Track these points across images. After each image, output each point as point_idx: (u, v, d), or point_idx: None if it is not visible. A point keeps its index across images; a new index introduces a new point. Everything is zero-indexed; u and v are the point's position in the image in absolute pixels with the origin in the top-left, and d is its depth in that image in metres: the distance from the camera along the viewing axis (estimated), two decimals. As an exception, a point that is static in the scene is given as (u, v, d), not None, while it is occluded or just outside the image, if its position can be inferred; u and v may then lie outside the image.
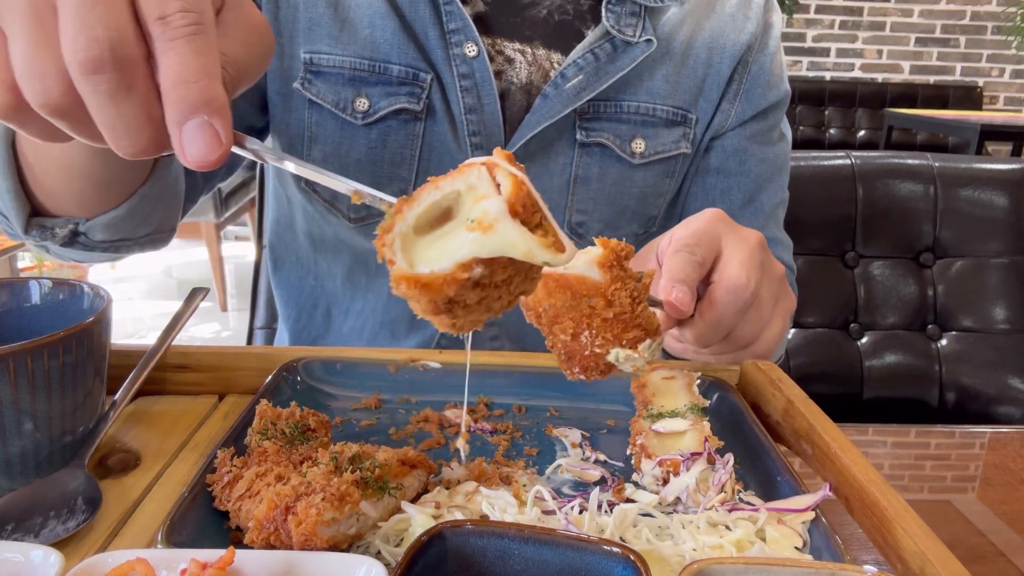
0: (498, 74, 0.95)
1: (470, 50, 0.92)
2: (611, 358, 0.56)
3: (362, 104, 0.95)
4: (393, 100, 0.94)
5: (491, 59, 0.94)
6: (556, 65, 0.96)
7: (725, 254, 0.65)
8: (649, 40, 0.94)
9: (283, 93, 0.96)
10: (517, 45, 0.97)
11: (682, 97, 0.99)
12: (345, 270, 1.05)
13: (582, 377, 0.59)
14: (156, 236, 0.92)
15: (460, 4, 0.91)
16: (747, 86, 1.02)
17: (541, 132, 0.94)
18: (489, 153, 0.91)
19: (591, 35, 0.96)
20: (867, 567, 0.42)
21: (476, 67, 0.92)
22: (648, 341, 0.56)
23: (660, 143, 0.97)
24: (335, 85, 0.94)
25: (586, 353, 0.56)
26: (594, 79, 0.95)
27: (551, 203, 0.96)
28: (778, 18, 1.06)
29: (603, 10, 0.94)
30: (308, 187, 1.01)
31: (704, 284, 0.66)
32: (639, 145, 0.97)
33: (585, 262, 0.55)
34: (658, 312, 0.60)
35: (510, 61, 0.96)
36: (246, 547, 0.47)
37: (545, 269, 0.52)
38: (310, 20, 0.94)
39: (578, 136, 0.95)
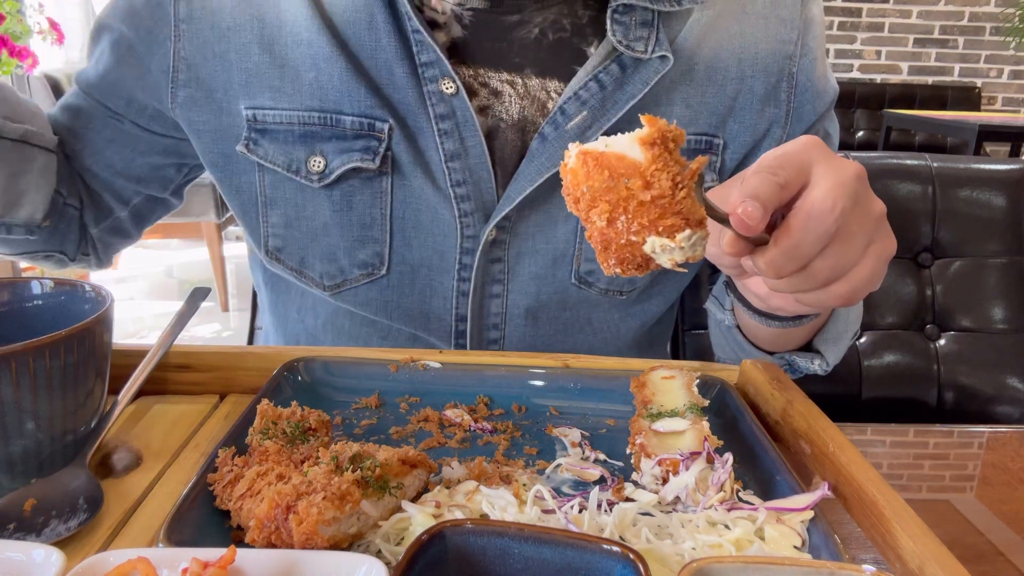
0: (482, 110, 0.83)
1: (447, 87, 0.80)
2: (647, 248, 0.50)
3: (317, 164, 0.83)
4: (346, 159, 0.83)
5: (473, 93, 0.83)
6: (554, 95, 0.84)
7: (813, 180, 0.56)
8: (664, 56, 0.80)
9: (226, 154, 0.86)
10: (504, 75, 0.83)
11: (707, 121, 0.86)
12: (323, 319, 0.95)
13: (618, 271, 0.52)
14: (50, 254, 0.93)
15: (429, 33, 0.78)
16: (796, 104, 0.88)
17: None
18: (479, 206, 0.84)
19: (595, 56, 0.82)
20: (866, 566, 0.42)
21: (456, 105, 0.80)
22: (688, 232, 0.49)
23: None
24: (284, 145, 0.83)
25: (622, 242, 0.51)
26: (600, 113, 0.81)
27: (556, 253, 0.88)
28: (818, 8, 0.90)
29: (608, 21, 0.80)
30: (272, 256, 0.89)
31: (785, 211, 0.57)
32: None
33: (628, 140, 0.49)
34: (727, 233, 0.54)
35: (496, 94, 0.84)
36: (247, 546, 0.47)
37: (585, 147, 0.50)
38: (246, 72, 0.82)
39: None
